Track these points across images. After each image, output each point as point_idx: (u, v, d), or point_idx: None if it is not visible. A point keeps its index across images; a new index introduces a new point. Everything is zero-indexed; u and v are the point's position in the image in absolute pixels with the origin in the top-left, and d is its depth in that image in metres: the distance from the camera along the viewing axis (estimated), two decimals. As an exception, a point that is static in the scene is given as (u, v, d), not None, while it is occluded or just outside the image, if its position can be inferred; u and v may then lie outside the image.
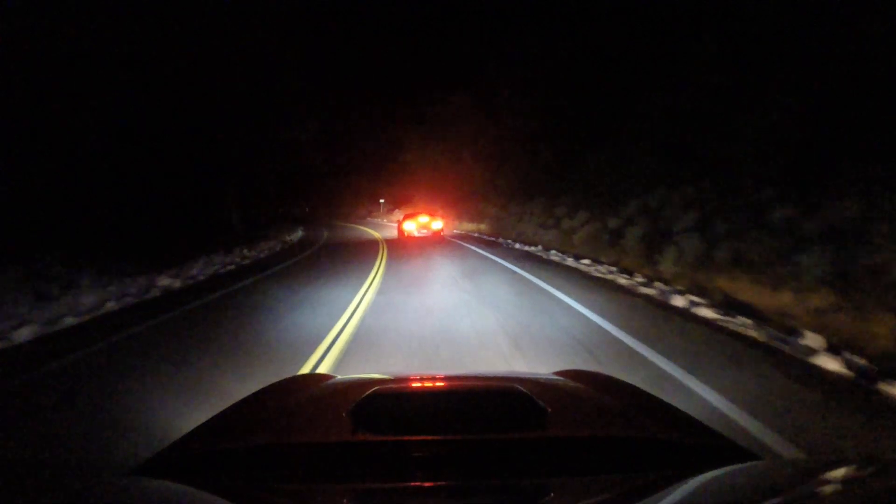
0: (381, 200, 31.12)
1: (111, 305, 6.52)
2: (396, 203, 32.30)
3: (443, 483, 0.81)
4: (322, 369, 3.52)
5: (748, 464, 0.81)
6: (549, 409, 0.93)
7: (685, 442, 0.96)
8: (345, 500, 0.81)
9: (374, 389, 1.01)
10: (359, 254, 12.39)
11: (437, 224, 17.26)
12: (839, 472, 0.70)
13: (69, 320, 5.71)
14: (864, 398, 2.85)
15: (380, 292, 6.52)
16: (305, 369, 3.53)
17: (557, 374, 1.48)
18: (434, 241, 15.10)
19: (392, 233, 19.81)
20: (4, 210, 9.61)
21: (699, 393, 2.87)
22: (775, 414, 2.58)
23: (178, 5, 14.50)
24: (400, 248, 13.50)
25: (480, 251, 11.72)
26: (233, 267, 10.85)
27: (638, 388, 1.35)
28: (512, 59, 18.77)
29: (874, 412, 2.66)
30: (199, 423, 1.09)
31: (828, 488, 0.63)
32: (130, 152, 13.48)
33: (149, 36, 13.25)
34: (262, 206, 32.77)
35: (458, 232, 19.68)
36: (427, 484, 0.81)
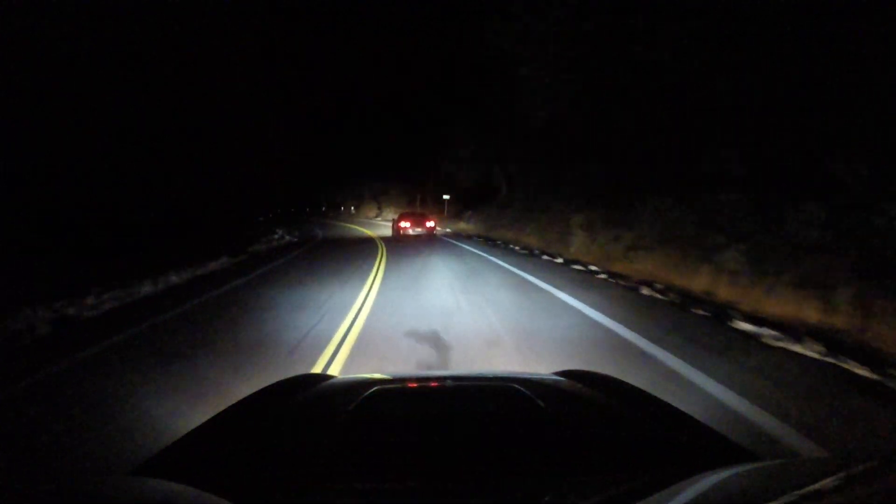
0: (446, 197, 22.07)
1: None
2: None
3: (443, 483, 0.81)
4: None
5: (748, 464, 0.81)
6: (549, 409, 0.93)
7: (685, 442, 0.96)
8: (345, 500, 0.81)
9: (374, 389, 1.01)
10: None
11: (430, 223, 18.84)
12: (840, 472, 0.70)
13: None
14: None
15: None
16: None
17: (557, 374, 1.48)
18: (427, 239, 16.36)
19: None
20: None
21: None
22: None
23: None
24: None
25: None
26: None
27: (638, 388, 1.35)
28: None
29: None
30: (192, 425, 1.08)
31: (828, 488, 0.63)
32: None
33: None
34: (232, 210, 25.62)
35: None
36: (427, 484, 0.81)
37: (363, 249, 13.52)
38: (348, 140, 44.23)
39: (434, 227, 19.22)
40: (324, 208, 57.70)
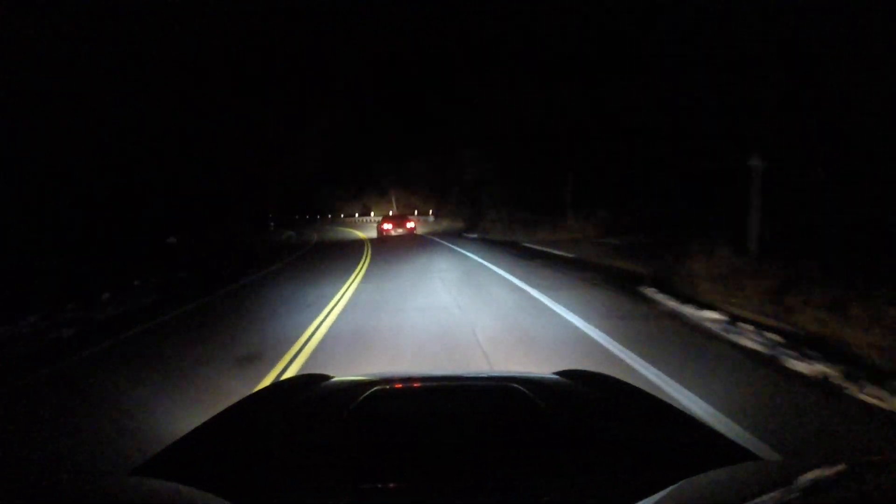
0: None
1: None
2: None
3: (443, 483, 0.81)
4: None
5: (748, 464, 0.81)
6: (549, 409, 0.93)
7: (685, 442, 0.96)
8: (345, 500, 0.81)
9: (374, 389, 1.01)
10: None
11: (410, 224, 20.53)
12: (839, 472, 0.70)
13: None
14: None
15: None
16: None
17: (557, 374, 1.48)
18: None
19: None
20: None
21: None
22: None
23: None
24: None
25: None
26: None
27: (638, 388, 1.35)
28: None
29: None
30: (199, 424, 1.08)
31: (827, 488, 0.63)
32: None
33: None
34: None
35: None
36: (427, 484, 0.81)
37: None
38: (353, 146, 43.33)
39: (414, 228, 20.89)
40: (318, 216, 56.60)
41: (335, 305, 6.12)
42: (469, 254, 11.32)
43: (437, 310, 5.54)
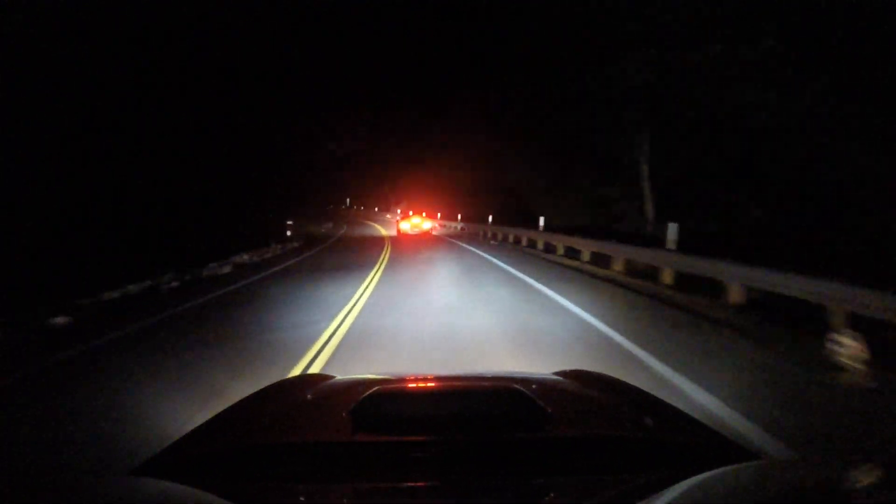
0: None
1: None
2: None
3: (443, 483, 0.81)
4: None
5: (748, 464, 0.81)
6: (550, 409, 0.92)
7: (685, 442, 0.96)
8: (345, 500, 0.81)
9: (374, 389, 1.00)
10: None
11: (427, 224, 21.30)
12: (839, 472, 0.70)
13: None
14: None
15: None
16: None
17: (557, 374, 1.48)
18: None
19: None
20: None
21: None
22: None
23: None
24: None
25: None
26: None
27: (638, 388, 1.35)
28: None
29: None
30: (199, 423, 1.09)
31: (828, 488, 0.63)
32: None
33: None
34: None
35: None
36: (427, 484, 0.81)
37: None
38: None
39: (432, 229, 21.56)
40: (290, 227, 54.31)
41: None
42: None
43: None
